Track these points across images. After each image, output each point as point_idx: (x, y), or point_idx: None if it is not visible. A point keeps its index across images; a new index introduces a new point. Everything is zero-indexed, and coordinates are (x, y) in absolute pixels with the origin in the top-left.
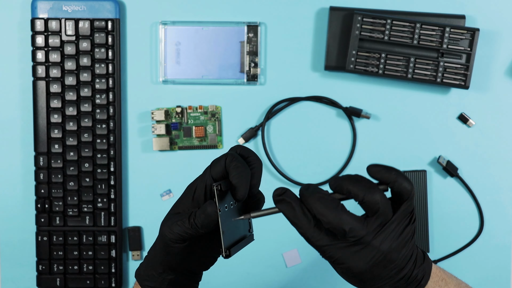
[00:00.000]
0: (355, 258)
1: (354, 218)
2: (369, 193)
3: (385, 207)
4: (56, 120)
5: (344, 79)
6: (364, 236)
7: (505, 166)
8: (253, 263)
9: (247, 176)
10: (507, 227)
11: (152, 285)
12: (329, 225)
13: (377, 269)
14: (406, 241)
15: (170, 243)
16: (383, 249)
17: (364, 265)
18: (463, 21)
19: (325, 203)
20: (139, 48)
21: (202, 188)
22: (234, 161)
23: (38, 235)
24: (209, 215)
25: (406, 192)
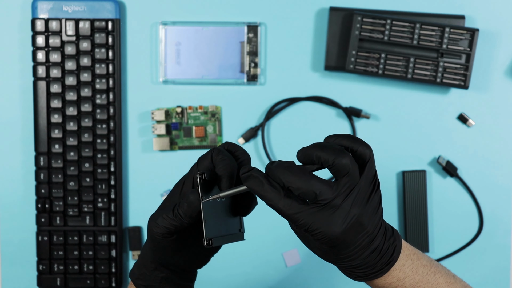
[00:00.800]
0: (328, 222)
1: (323, 181)
2: (339, 156)
3: (354, 170)
4: (56, 120)
5: (344, 79)
6: (335, 198)
7: (504, 166)
8: (253, 263)
9: (232, 168)
10: (507, 227)
11: (145, 283)
12: (299, 191)
13: (350, 234)
14: (375, 207)
15: (157, 237)
16: (353, 212)
17: (338, 228)
18: (462, 21)
19: (292, 171)
20: (139, 48)
21: (190, 183)
22: (220, 154)
23: (39, 235)
24: (192, 202)
25: (366, 155)
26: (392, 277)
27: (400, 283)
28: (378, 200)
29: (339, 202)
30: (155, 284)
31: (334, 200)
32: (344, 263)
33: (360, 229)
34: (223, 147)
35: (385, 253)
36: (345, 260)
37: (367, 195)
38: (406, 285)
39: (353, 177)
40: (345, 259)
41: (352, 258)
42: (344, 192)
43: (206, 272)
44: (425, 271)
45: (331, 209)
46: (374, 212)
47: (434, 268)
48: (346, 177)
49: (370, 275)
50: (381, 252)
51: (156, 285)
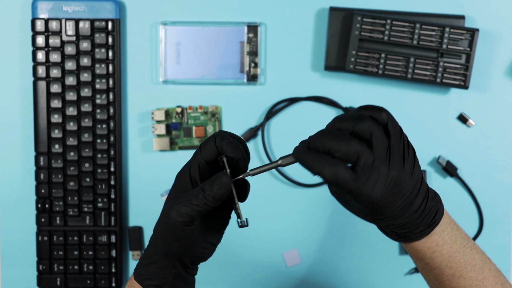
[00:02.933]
0: (370, 186)
1: (362, 143)
2: (358, 122)
3: (379, 132)
4: (56, 120)
5: (344, 79)
6: (374, 160)
7: (504, 166)
8: (253, 263)
9: (241, 148)
10: (507, 227)
11: (155, 283)
12: (340, 153)
13: (390, 197)
14: (410, 167)
15: (179, 227)
16: (392, 174)
17: (379, 192)
18: (462, 21)
19: (332, 134)
20: (139, 48)
21: (196, 170)
22: (225, 139)
23: (39, 235)
24: (225, 184)
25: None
26: (431, 241)
27: (439, 249)
28: (412, 159)
29: (378, 165)
30: (167, 283)
31: (374, 162)
32: (386, 222)
33: (399, 190)
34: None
35: (427, 214)
36: (386, 220)
37: (401, 155)
38: (444, 252)
39: (381, 139)
40: (386, 219)
41: (394, 218)
42: (381, 154)
43: (206, 272)
44: (463, 243)
45: (373, 172)
46: (410, 173)
47: (471, 244)
48: (375, 140)
49: (412, 235)
50: (423, 212)
51: (167, 283)
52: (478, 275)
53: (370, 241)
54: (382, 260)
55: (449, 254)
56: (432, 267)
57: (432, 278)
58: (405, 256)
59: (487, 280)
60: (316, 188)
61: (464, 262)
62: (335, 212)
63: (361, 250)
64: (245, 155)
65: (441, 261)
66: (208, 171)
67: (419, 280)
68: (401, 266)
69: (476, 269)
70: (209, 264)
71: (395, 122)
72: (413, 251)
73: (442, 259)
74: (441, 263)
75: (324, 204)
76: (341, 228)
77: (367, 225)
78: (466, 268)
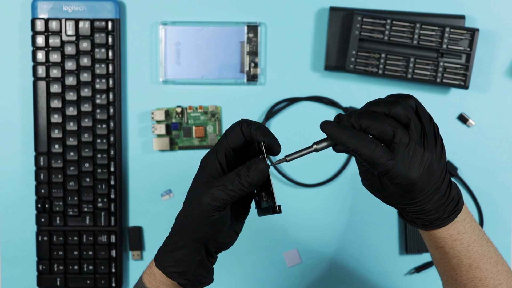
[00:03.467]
0: (407, 165)
1: (399, 124)
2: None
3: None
4: (56, 120)
5: (344, 79)
6: (410, 140)
7: (504, 166)
8: (253, 263)
9: (272, 133)
10: (507, 227)
11: (180, 270)
12: (377, 130)
13: (424, 178)
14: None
15: (212, 212)
16: (426, 155)
17: (416, 173)
18: (462, 21)
19: (368, 114)
20: (139, 48)
21: (223, 158)
22: (251, 124)
23: (39, 235)
24: (263, 170)
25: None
26: (454, 229)
27: (460, 237)
28: (441, 144)
29: (413, 145)
30: (190, 270)
31: (410, 142)
32: (416, 207)
33: (432, 172)
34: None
35: (452, 200)
36: (417, 204)
37: (433, 138)
38: (464, 240)
39: (416, 121)
40: (418, 203)
41: (424, 201)
42: (416, 135)
43: None
44: (480, 234)
45: (409, 152)
46: (440, 156)
47: (487, 237)
48: (412, 122)
49: (438, 221)
50: (448, 199)
51: (191, 270)
52: (493, 268)
53: (370, 241)
54: (382, 260)
55: (469, 243)
56: (451, 257)
57: (450, 268)
58: (405, 256)
59: (501, 274)
60: (316, 188)
61: (481, 253)
62: (335, 212)
63: (361, 250)
64: (276, 139)
65: (461, 250)
66: (233, 158)
67: (419, 280)
68: (401, 266)
69: (492, 261)
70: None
71: (424, 108)
72: (435, 239)
73: (462, 247)
74: (460, 252)
75: (324, 204)
76: (341, 228)
77: (367, 226)
78: (483, 259)
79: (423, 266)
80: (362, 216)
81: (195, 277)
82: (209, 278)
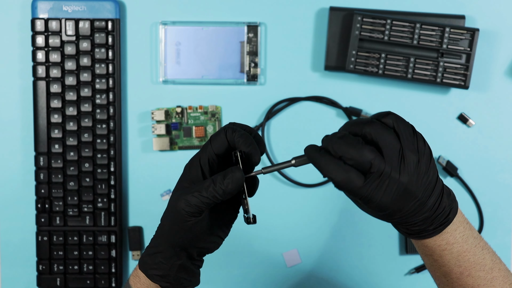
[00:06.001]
0: (380, 192)
1: (375, 151)
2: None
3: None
4: (56, 120)
5: (344, 79)
6: (385, 167)
7: (505, 166)
8: (253, 263)
9: (254, 142)
10: (507, 227)
11: (160, 273)
12: (352, 160)
13: (400, 202)
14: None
15: (186, 217)
16: (403, 180)
17: (388, 199)
18: (463, 21)
19: (346, 141)
20: (139, 48)
21: (206, 162)
22: (236, 131)
23: (38, 235)
24: (238, 179)
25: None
26: (442, 239)
27: (449, 247)
28: (428, 160)
29: (389, 171)
30: (171, 273)
31: (385, 169)
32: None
33: (410, 196)
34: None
35: (441, 212)
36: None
37: (413, 159)
38: (454, 250)
39: (390, 144)
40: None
41: (406, 218)
42: (392, 159)
43: (206, 272)
44: (474, 242)
45: (383, 179)
46: (424, 175)
47: (483, 244)
48: (384, 146)
49: (424, 232)
50: (437, 211)
51: (172, 274)
52: (487, 275)
53: (370, 241)
54: (382, 260)
55: (459, 253)
56: (440, 265)
57: (440, 275)
58: (405, 256)
59: (496, 280)
60: (316, 188)
61: (473, 262)
62: (335, 212)
63: (361, 250)
64: (257, 149)
65: (450, 259)
66: (217, 163)
67: (419, 280)
68: (401, 266)
69: (486, 269)
70: (209, 264)
71: (404, 124)
72: (422, 247)
73: (451, 257)
74: (449, 261)
75: (324, 204)
76: (341, 228)
77: (367, 226)
78: (475, 267)
79: (423, 266)
80: (362, 216)
81: (177, 280)
82: (194, 281)
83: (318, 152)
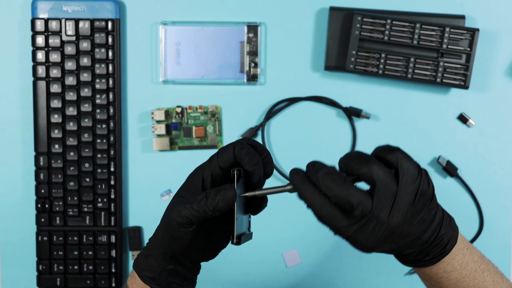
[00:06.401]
0: (364, 235)
1: (362, 192)
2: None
3: (385, 178)
4: (56, 120)
5: (344, 79)
6: (372, 210)
7: (505, 166)
8: (253, 263)
9: (260, 161)
10: (507, 227)
11: (151, 275)
12: (336, 199)
13: (388, 244)
14: (420, 209)
15: (176, 227)
16: (392, 223)
17: (373, 242)
18: (463, 21)
19: (332, 178)
20: (139, 48)
21: (209, 174)
22: (244, 148)
23: (38, 235)
24: (229, 198)
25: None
26: (438, 268)
27: (446, 275)
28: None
29: (376, 214)
30: (162, 277)
31: (371, 211)
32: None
33: (401, 236)
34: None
35: (438, 243)
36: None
37: (408, 202)
38: (451, 278)
39: (385, 186)
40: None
41: (397, 252)
42: (382, 202)
43: (206, 272)
44: (474, 267)
45: (369, 222)
46: (417, 217)
47: (484, 266)
48: (377, 189)
49: (420, 262)
50: (433, 242)
51: (162, 277)
52: None
53: None
54: (382, 260)
55: (457, 280)
56: None
57: None
58: None
59: None
60: None
61: (473, 286)
62: None
63: None
64: (261, 170)
65: (448, 285)
66: (221, 177)
67: (419, 280)
68: (401, 266)
69: None
70: (209, 264)
71: (409, 164)
72: (419, 273)
73: (449, 283)
74: (447, 286)
75: None
76: None
77: None
78: None
79: None
80: None
81: (167, 285)
82: (186, 286)
83: (302, 182)
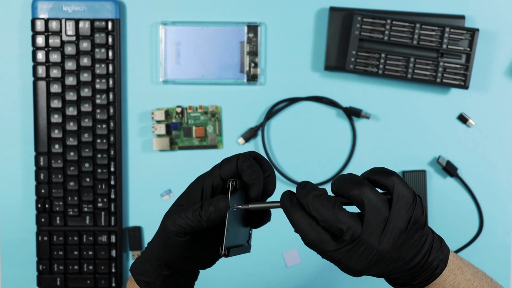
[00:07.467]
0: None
1: (352, 216)
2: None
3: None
4: (56, 120)
5: (344, 79)
6: (361, 234)
7: (505, 166)
8: (253, 263)
9: (261, 176)
10: (507, 226)
11: (146, 280)
12: (325, 223)
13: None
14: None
15: (171, 235)
16: (382, 248)
17: (361, 266)
18: (462, 21)
19: (321, 201)
20: (139, 48)
21: (209, 185)
22: (247, 161)
23: (39, 235)
24: (220, 209)
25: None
26: None
27: None
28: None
29: (366, 238)
30: (157, 282)
31: (360, 236)
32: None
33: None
34: (249, 155)
35: (428, 268)
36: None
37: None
38: None
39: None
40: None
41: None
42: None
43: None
44: (466, 285)
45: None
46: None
47: (477, 283)
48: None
49: (409, 285)
50: (423, 267)
51: (158, 282)
52: None
53: None
54: None
55: None
56: None
57: None
58: None
59: None
60: None
61: None
62: None
63: None
64: (260, 185)
65: None
66: (222, 187)
67: None
68: None
69: None
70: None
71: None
72: None
73: None
74: None
75: None
76: None
77: None
78: None
79: None
80: None
81: None
82: None
83: (291, 205)
